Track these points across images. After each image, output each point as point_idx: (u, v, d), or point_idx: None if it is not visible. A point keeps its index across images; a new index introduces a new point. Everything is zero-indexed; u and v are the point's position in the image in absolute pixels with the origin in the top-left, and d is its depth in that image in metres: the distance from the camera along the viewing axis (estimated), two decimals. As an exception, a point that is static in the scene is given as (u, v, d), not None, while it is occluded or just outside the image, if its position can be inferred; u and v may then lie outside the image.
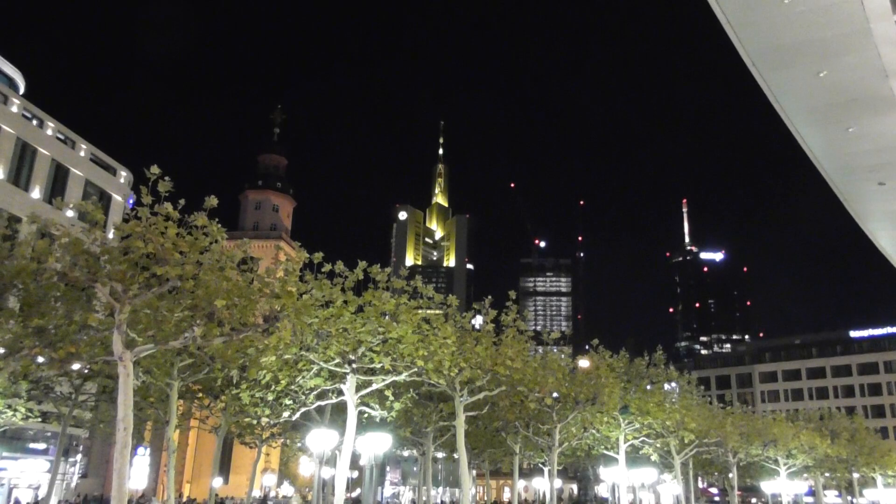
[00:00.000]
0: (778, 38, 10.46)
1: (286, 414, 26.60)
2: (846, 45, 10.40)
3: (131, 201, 57.06)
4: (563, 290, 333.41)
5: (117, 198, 56.13)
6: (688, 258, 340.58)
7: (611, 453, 38.47)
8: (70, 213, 42.67)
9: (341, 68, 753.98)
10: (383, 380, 21.77)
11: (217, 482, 36.28)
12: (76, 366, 23.60)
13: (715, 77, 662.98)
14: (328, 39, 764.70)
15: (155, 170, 13.27)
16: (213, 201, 14.16)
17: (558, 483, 69.11)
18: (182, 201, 13.83)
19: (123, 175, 57.98)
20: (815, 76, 11.12)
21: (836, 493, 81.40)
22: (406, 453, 59.72)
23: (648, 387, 36.03)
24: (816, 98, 11.86)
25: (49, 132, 50.82)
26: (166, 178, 13.34)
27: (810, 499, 74.95)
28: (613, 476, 46.51)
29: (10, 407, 29.62)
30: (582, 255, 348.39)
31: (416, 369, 21.44)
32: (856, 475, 63.01)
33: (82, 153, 53.77)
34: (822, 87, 11.41)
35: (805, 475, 61.33)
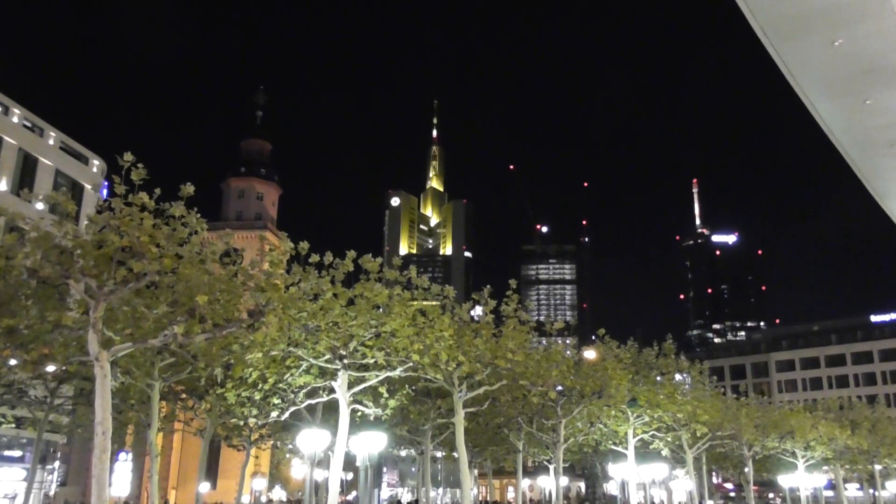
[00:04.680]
0: (790, 6, 10.43)
1: (275, 414, 26.65)
2: (863, 11, 10.36)
3: (105, 192, 56.92)
4: (567, 277, 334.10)
5: (89, 188, 55.95)
6: (699, 241, 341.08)
7: (619, 449, 38.66)
8: (40, 206, 42.48)
9: (326, 46, 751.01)
10: (377, 376, 21.82)
11: (204, 487, 36.37)
12: (51, 368, 23.55)
13: (725, 49, 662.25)
14: (311, 15, 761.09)
15: (128, 157, 13.22)
16: (189, 189, 14.12)
17: (564, 481, 69.45)
18: (158, 190, 13.80)
19: (96, 164, 57.76)
20: (829, 46, 11.08)
21: (857, 485, 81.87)
22: (403, 453, 59.98)
23: (658, 378, 36.13)
24: (832, 69, 11.83)
25: (15, 119, 50.55)
26: (139, 165, 13.30)
27: (830, 492, 75.38)
28: (622, 473, 46.78)
29: (-19, 413, 29.63)
30: (587, 240, 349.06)
31: (411, 364, 21.48)
32: (878, 467, 63.26)
33: (51, 141, 53.52)
34: (837, 57, 11.37)
35: (824, 468, 61.61)
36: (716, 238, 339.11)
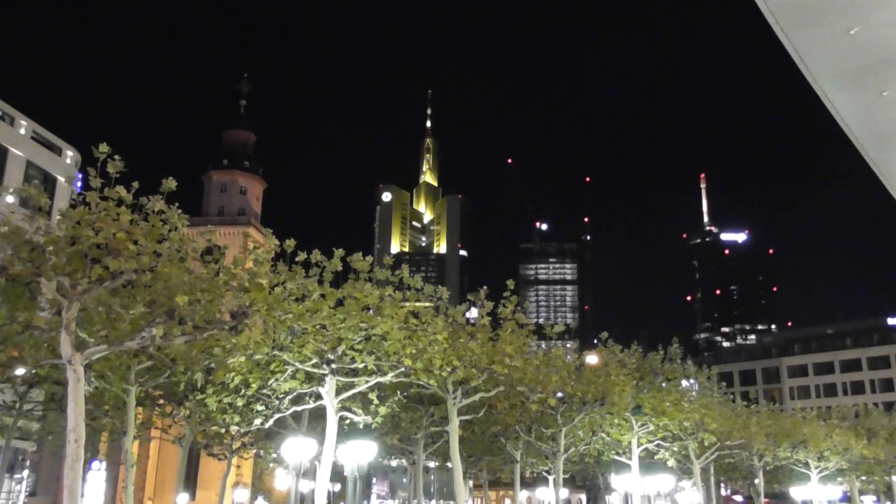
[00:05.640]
0: (803, -8, 10.48)
1: (258, 421, 26.67)
2: (880, -2, 10.43)
3: (79, 185, 56.78)
4: (568, 277, 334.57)
5: (63, 181, 55.80)
6: (707, 240, 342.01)
7: (623, 459, 38.78)
8: (10, 199, 42.38)
9: (315, 33, 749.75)
10: (367, 381, 21.85)
11: (182, 499, 36.39)
12: (20, 370, 23.60)
13: (735, 37, 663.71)
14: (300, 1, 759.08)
15: (104, 148, 13.22)
16: (171, 183, 14.14)
17: (565, 493, 69.63)
18: (136, 184, 13.80)
19: (70, 155, 57.61)
20: (844, 34, 11.13)
21: (873, 498, 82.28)
22: (394, 463, 60.03)
23: (664, 384, 36.28)
24: (846, 58, 11.88)
25: (-17, 107, 50.39)
26: (116, 157, 13.30)
27: (845, 505, 75.72)
28: (626, 484, 46.86)
29: (-54, 418, 29.59)
30: (589, 238, 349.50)
31: (403, 369, 21.53)
32: (895, 478, 63.67)
33: (22, 130, 53.37)
34: (852, 46, 11.42)
35: (839, 479, 61.96)
36: (725, 236, 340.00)
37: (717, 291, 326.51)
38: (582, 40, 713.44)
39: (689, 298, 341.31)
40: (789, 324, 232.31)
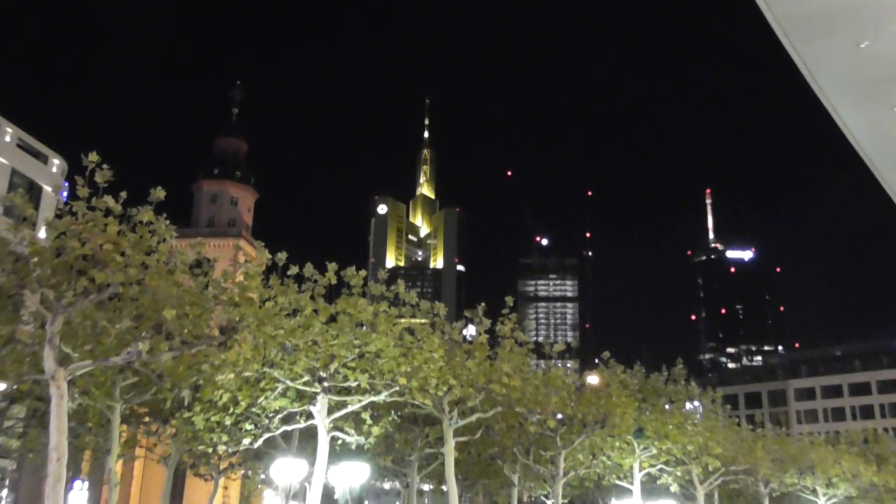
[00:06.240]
0: (812, 5, 10.54)
1: (247, 441, 26.55)
2: (891, 11, 10.49)
3: (65, 194, 56.78)
4: (569, 294, 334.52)
5: (49, 190, 55.82)
6: (712, 257, 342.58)
7: (624, 483, 38.65)
8: (-7, 209, 42.40)
9: (310, 39, 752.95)
10: (360, 400, 21.79)
11: (167, 520, 36.14)
12: (1, 386, 23.52)
13: (742, 50, 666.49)
14: (294, 5, 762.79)
15: (93, 157, 13.24)
16: (160, 193, 14.16)
17: (564, 518, 69.32)
18: (124, 194, 13.81)
19: (56, 163, 57.65)
20: (855, 47, 11.19)
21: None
22: (387, 485, 59.78)
23: (667, 406, 36.23)
24: (857, 72, 11.94)
25: (-32, 114, 50.45)
26: (104, 165, 13.32)
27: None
28: (627, 510, 46.72)
29: (-77, 435, 29.46)
30: (590, 254, 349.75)
31: (397, 388, 21.48)
32: (905, 506, 63.48)
33: (7, 138, 53.42)
34: (863, 59, 11.48)
35: (847, 507, 61.73)
36: (730, 254, 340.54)
37: (723, 310, 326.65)
38: (585, 51, 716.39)
39: (693, 317, 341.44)
40: (796, 345, 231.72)
